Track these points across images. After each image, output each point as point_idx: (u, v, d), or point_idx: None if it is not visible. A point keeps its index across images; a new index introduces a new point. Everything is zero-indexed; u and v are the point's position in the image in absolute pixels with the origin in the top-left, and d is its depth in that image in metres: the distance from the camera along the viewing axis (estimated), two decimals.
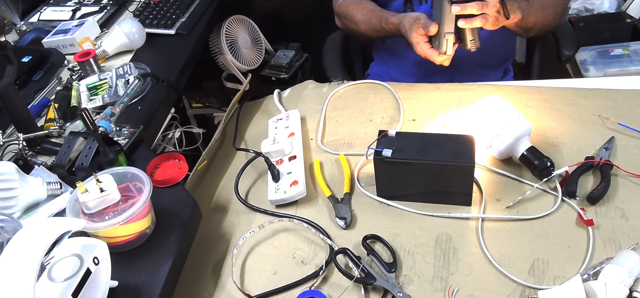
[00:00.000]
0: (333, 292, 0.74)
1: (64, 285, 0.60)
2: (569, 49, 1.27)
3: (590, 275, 0.67)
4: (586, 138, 0.90)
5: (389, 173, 0.83)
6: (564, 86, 1.03)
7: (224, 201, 0.94)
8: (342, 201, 0.86)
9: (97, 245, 0.65)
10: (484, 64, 1.25)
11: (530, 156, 0.83)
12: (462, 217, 0.81)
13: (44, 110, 1.11)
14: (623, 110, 0.94)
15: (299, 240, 0.83)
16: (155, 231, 0.77)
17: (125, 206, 0.72)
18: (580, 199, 0.80)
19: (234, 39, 1.61)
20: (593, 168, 0.85)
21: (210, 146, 1.07)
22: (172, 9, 1.39)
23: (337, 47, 1.42)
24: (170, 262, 0.72)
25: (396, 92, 1.08)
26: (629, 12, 1.60)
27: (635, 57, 1.43)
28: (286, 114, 1.06)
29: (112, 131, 0.96)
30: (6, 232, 0.72)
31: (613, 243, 0.73)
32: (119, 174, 0.76)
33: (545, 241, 0.76)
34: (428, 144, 0.81)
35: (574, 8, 1.70)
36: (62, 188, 0.86)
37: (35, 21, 1.53)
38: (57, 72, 1.26)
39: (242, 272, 0.80)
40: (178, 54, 1.26)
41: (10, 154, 0.96)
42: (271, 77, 1.74)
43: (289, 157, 0.94)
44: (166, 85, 1.11)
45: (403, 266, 0.76)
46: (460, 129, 0.94)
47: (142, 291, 0.69)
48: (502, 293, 0.70)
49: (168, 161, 0.88)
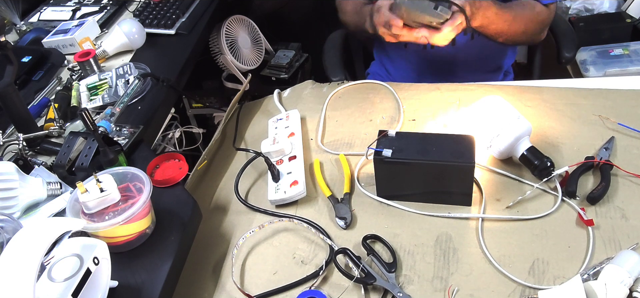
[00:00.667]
0: (333, 292, 0.74)
1: (64, 285, 0.60)
2: (569, 51, 1.27)
3: (590, 275, 0.67)
4: (586, 138, 0.90)
5: (389, 173, 0.83)
6: (564, 86, 1.03)
7: (224, 201, 0.95)
8: (342, 201, 0.86)
9: (97, 245, 0.65)
10: (481, 69, 1.26)
11: (530, 156, 0.83)
12: (462, 217, 0.81)
13: (44, 110, 1.11)
14: (623, 110, 0.94)
15: (299, 240, 0.83)
16: (155, 231, 0.77)
17: (125, 206, 0.72)
18: (580, 199, 0.80)
19: (234, 39, 1.61)
20: (593, 168, 0.85)
21: (210, 146, 1.07)
22: (172, 9, 1.39)
23: (338, 46, 1.42)
24: (170, 262, 0.72)
25: (396, 92, 1.08)
26: (629, 12, 1.61)
27: (635, 57, 1.43)
28: (286, 114, 1.06)
29: (112, 131, 0.96)
30: (6, 232, 0.72)
31: (613, 243, 0.73)
32: (119, 174, 0.76)
33: (545, 241, 0.76)
34: (428, 144, 0.81)
35: (574, 8, 1.70)
36: (62, 188, 0.86)
37: (35, 21, 1.53)
38: (57, 72, 1.26)
39: (242, 272, 0.80)
40: (178, 54, 1.26)
41: (10, 154, 0.96)
42: (271, 77, 1.74)
43: (289, 157, 0.94)
44: (166, 85, 1.11)
45: (403, 266, 0.76)
46: (460, 129, 0.94)
47: (142, 291, 0.69)
48: (502, 293, 0.70)
49: (168, 161, 0.88)
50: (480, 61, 1.23)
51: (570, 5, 1.70)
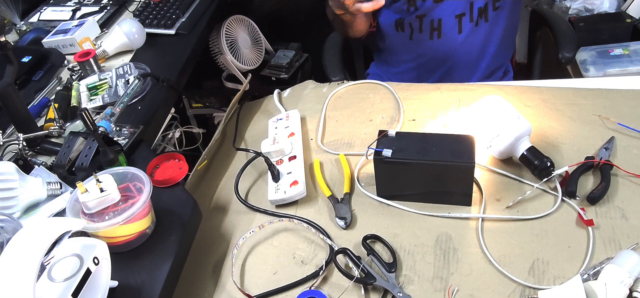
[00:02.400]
0: (333, 292, 0.74)
1: (64, 285, 0.60)
2: (569, 51, 1.27)
3: (590, 275, 0.67)
4: (586, 138, 0.90)
5: (389, 173, 0.83)
6: (564, 86, 1.03)
7: (224, 201, 0.95)
8: (342, 201, 0.86)
9: (97, 245, 0.65)
10: (479, 73, 1.26)
11: (530, 156, 0.83)
12: (462, 217, 0.81)
13: (44, 110, 1.11)
14: (623, 110, 0.94)
15: (299, 240, 0.83)
16: (155, 231, 0.77)
17: (125, 206, 0.72)
18: (580, 199, 0.80)
19: (234, 39, 1.61)
20: (593, 168, 0.85)
21: (210, 146, 1.07)
22: (172, 9, 1.39)
23: (338, 46, 1.42)
24: (170, 262, 0.72)
25: (396, 92, 1.08)
26: (629, 12, 1.60)
27: (635, 57, 1.43)
28: (286, 114, 1.06)
29: (112, 131, 0.96)
30: (6, 232, 0.73)
31: (613, 243, 0.73)
32: (119, 174, 0.76)
33: (545, 241, 0.76)
34: (428, 144, 0.81)
35: (574, 8, 1.70)
36: (62, 188, 0.86)
37: (35, 21, 1.53)
38: (57, 72, 1.26)
39: (242, 272, 0.80)
40: (178, 54, 1.26)
41: (10, 154, 0.96)
42: (271, 77, 1.74)
43: (289, 157, 0.94)
44: (166, 85, 1.11)
45: (403, 266, 0.76)
46: (460, 129, 0.94)
47: (142, 291, 0.69)
48: (502, 293, 0.70)
49: (168, 161, 0.88)
50: (481, 55, 1.23)
51: (570, 5, 1.70)
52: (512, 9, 1.20)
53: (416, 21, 1.19)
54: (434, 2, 1.16)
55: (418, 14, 1.18)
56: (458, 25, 1.18)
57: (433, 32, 1.20)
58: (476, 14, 1.17)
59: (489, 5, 1.16)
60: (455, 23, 1.18)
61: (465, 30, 1.18)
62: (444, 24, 1.18)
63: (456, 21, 1.17)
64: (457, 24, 1.18)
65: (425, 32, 1.20)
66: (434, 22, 1.18)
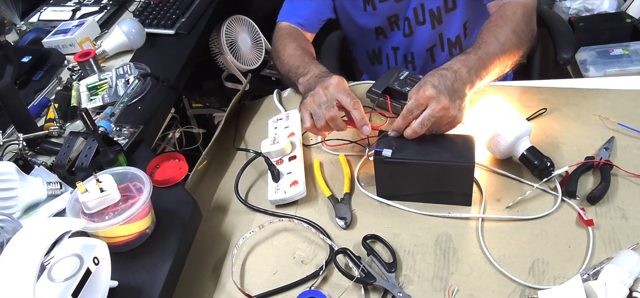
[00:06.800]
0: (333, 292, 0.74)
1: (64, 285, 0.60)
2: (567, 52, 1.26)
3: (590, 275, 0.67)
4: (586, 138, 0.90)
5: (389, 173, 0.83)
6: (564, 86, 1.03)
7: (224, 201, 0.94)
8: (342, 201, 0.86)
9: (97, 245, 0.65)
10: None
11: (530, 156, 0.83)
12: (462, 217, 0.81)
13: (44, 110, 1.11)
14: (623, 110, 0.94)
15: (299, 240, 0.83)
16: (155, 231, 0.77)
17: (125, 206, 0.72)
18: (580, 199, 0.80)
19: (234, 39, 1.61)
20: (593, 168, 0.85)
21: (210, 146, 1.07)
22: (172, 9, 1.39)
23: (335, 48, 1.42)
24: (170, 262, 0.72)
25: None
26: (629, 12, 1.61)
27: (635, 57, 1.43)
28: (286, 114, 1.06)
29: (112, 131, 0.96)
30: (6, 232, 0.73)
31: (613, 243, 0.73)
32: (119, 174, 0.76)
33: (545, 241, 0.75)
34: (428, 144, 0.81)
35: (574, 8, 1.70)
36: (62, 188, 0.86)
37: (35, 21, 1.53)
38: (57, 72, 1.26)
39: (242, 272, 0.80)
40: (178, 54, 1.26)
41: (10, 154, 0.96)
42: (271, 77, 1.74)
43: (289, 157, 0.94)
44: (166, 85, 1.11)
45: (403, 266, 0.76)
46: (460, 129, 0.94)
47: (142, 291, 0.69)
48: (502, 293, 0.70)
49: (168, 161, 0.88)
50: None
51: (570, 5, 1.70)
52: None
53: (392, 52, 1.25)
54: (404, 37, 1.21)
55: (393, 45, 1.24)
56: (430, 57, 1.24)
57: (408, 65, 1.26)
58: (446, 44, 1.22)
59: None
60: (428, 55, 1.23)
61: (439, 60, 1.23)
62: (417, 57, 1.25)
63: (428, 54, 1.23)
64: (430, 56, 1.24)
65: (400, 63, 1.26)
66: (407, 56, 1.25)
